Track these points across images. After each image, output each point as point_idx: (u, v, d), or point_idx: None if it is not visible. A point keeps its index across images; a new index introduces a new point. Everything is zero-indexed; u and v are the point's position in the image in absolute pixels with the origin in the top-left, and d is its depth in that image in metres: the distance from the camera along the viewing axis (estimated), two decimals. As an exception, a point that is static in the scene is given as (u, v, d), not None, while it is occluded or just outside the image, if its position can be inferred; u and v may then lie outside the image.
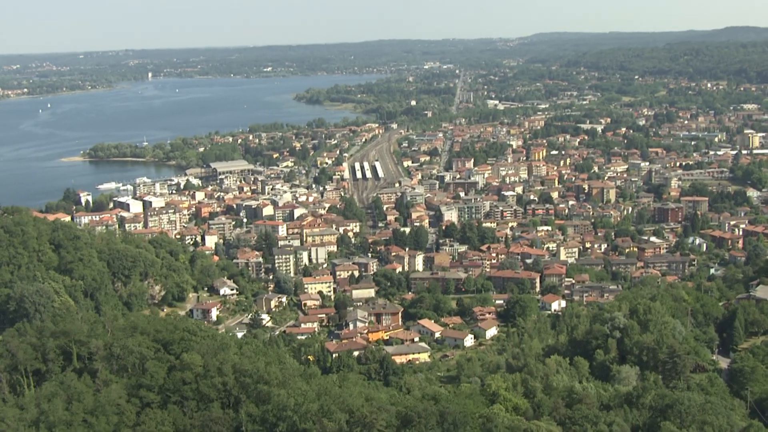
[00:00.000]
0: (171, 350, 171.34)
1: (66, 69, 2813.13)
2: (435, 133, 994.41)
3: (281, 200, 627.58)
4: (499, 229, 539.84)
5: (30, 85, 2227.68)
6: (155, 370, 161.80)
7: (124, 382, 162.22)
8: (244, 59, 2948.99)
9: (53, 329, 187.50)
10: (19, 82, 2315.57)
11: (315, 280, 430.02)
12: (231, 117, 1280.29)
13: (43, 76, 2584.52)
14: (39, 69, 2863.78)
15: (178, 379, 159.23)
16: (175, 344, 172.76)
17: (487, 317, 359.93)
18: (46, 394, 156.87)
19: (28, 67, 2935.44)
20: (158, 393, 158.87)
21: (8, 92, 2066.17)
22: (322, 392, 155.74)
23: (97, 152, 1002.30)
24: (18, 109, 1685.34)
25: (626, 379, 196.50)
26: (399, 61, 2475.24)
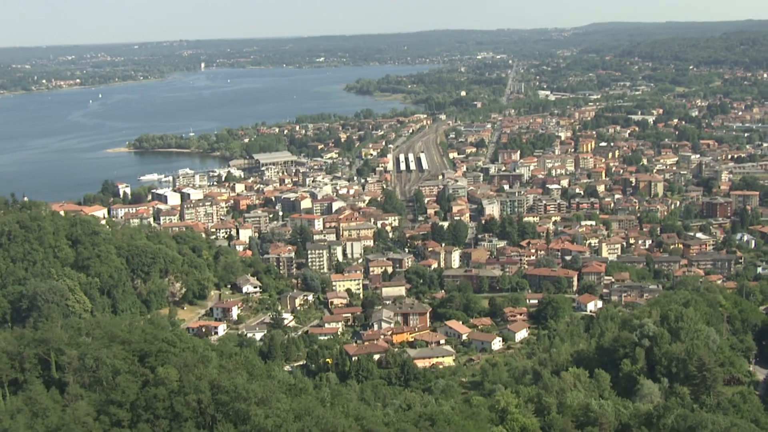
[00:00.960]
0: (147, 363, 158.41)
1: (120, 59, 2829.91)
2: (483, 124, 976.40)
3: (320, 193, 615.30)
4: (541, 223, 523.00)
5: (83, 75, 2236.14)
6: (127, 384, 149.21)
7: (94, 398, 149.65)
8: (297, 49, 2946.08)
9: (32, 336, 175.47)
10: (73, 72, 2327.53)
11: (344, 277, 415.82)
12: (279, 108, 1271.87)
13: (97, 66, 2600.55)
14: (93, 59, 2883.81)
15: (151, 396, 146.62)
16: (152, 356, 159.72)
17: (518, 318, 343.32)
18: (11, 409, 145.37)
19: (83, 57, 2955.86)
20: (129, 410, 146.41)
21: (60, 83, 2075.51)
22: (304, 412, 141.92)
23: (141, 143, 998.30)
24: (69, 100, 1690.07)
25: (649, 395, 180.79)
26: (452, 51, 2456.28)
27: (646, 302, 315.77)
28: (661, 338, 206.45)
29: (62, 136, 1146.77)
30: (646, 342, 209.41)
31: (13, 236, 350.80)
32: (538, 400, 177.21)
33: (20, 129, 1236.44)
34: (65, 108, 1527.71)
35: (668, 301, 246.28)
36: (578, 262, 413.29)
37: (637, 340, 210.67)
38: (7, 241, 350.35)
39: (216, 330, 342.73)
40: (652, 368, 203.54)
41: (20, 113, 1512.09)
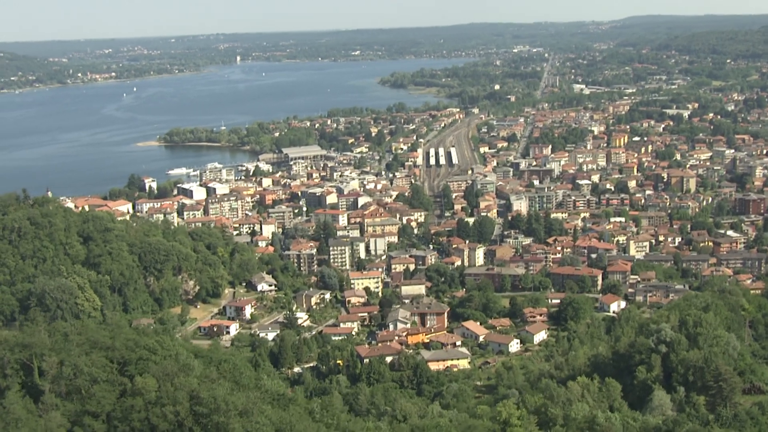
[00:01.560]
0: (127, 371, 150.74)
1: (156, 53, 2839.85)
2: (516, 118, 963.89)
3: (346, 188, 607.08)
4: (569, 220, 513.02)
5: (118, 69, 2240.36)
6: (103, 395, 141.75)
7: (69, 408, 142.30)
8: (333, 43, 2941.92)
9: (15, 340, 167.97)
10: (109, 66, 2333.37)
11: (362, 276, 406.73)
12: (313, 101, 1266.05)
13: (133, 60, 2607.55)
14: (130, 53, 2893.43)
15: (128, 406, 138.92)
16: (132, 364, 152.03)
17: (538, 319, 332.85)
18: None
19: (120, 51, 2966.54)
20: (105, 422, 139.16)
21: (96, 76, 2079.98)
22: (286, 426, 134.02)
23: (172, 137, 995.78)
24: (103, 93, 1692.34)
25: (660, 407, 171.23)
26: (488, 45, 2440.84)
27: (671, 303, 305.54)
28: (678, 345, 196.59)
29: (94, 129, 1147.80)
30: (663, 348, 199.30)
31: (23, 233, 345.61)
32: (543, 411, 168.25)
33: (53, 122, 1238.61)
34: (99, 101, 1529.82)
35: (688, 304, 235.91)
36: (603, 260, 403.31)
37: (653, 346, 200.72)
38: (17, 238, 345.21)
39: (228, 329, 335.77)
40: (669, 376, 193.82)
41: (54, 107, 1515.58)
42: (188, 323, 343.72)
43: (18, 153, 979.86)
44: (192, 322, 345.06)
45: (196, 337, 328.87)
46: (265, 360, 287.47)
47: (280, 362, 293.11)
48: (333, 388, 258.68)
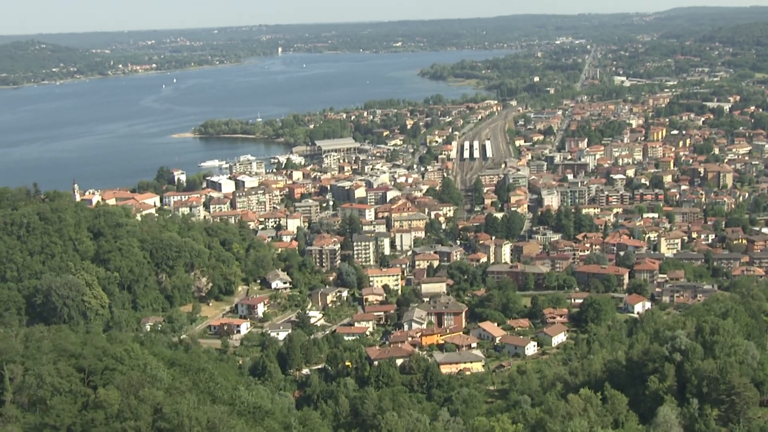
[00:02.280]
0: (92, 382, 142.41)
1: (199, 44, 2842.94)
2: (554, 110, 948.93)
3: (376, 181, 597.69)
4: (601, 215, 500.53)
5: (160, 60, 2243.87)
6: (63, 407, 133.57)
7: (30, 420, 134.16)
8: (375, 34, 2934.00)
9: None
10: (150, 57, 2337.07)
11: (381, 273, 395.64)
12: (351, 93, 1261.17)
13: (175, 51, 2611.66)
14: (172, 44, 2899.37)
15: (89, 420, 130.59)
16: (98, 374, 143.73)
17: (558, 320, 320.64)
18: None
19: (162, 42, 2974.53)
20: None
21: (137, 67, 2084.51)
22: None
23: (207, 129, 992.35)
24: (143, 85, 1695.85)
25: (665, 423, 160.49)
26: (531, 36, 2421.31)
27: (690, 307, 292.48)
28: (693, 353, 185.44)
29: (131, 121, 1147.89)
30: (677, 357, 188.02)
31: (31, 228, 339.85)
32: (542, 426, 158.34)
33: (91, 114, 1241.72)
34: (138, 93, 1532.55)
35: (707, 309, 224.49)
36: (630, 258, 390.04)
37: (667, 354, 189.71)
38: (26, 233, 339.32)
39: (238, 328, 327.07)
40: (683, 386, 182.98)
41: (93, 98, 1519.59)
42: (198, 321, 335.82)
43: (54, 144, 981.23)
44: (202, 321, 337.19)
45: (206, 336, 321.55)
46: (273, 361, 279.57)
47: (288, 364, 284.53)
48: (340, 391, 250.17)
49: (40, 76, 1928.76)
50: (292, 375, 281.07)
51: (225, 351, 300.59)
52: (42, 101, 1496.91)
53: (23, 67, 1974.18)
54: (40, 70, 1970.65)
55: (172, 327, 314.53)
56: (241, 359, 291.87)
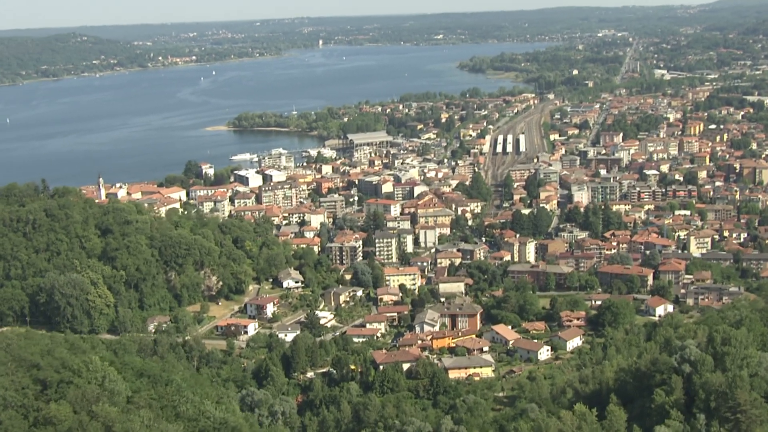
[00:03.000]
0: (46, 395, 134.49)
1: (240, 36, 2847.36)
2: (591, 104, 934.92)
3: (404, 176, 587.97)
4: (632, 212, 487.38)
5: (200, 52, 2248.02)
6: (12, 422, 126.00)
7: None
8: (416, 27, 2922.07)
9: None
10: (191, 49, 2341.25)
11: (398, 272, 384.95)
12: (389, 85, 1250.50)
13: (216, 43, 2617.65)
14: (214, 36, 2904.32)
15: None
16: (53, 387, 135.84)
17: (574, 324, 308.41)
18: None
19: (204, 34, 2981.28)
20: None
21: (177, 60, 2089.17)
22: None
23: (241, 122, 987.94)
24: (182, 77, 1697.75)
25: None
26: (573, 29, 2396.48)
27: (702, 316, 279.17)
28: (703, 365, 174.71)
29: (166, 113, 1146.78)
30: (686, 368, 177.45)
31: (37, 225, 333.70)
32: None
33: (127, 106, 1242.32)
34: (176, 85, 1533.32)
35: (721, 317, 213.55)
36: (656, 258, 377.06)
37: (676, 365, 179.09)
38: (32, 230, 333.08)
39: (245, 329, 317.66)
40: (692, 400, 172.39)
41: (131, 90, 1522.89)
42: (205, 321, 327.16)
43: (87, 137, 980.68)
44: (210, 321, 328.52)
45: (212, 337, 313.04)
46: (277, 364, 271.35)
47: (293, 367, 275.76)
48: (342, 397, 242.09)
49: (81, 68, 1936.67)
50: (296, 378, 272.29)
51: (230, 353, 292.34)
52: (80, 93, 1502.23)
53: (64, 59, 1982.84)
54: (81, 63, 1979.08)
55: (177, 327, 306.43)
56: (246, 361, 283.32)
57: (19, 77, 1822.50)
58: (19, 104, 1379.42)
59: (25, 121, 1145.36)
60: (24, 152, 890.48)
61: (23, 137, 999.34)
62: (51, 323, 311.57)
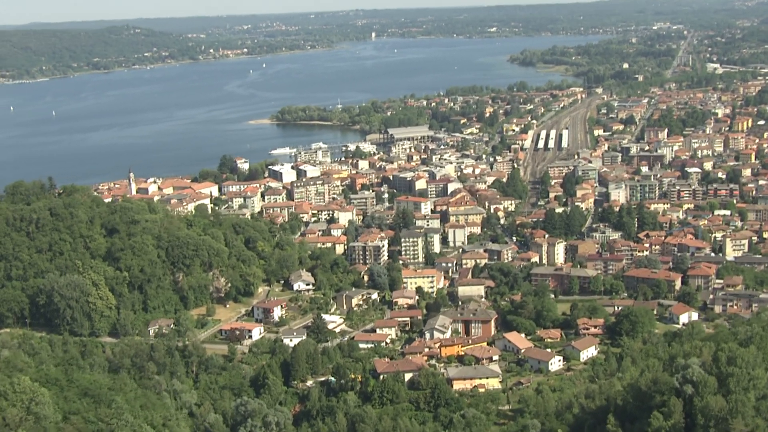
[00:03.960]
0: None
1: (294, 29, 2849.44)
2: (639, 98, 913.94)
3: (439, 173, 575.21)
4: (670, 212, 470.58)
5: (252, 45, 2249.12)
6: None
7: None
8: (470, 19, 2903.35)
9: None
10: (243, 41, 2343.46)
11: (416, 274, 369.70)
12: (437, 79, 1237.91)
13: (269, 35, 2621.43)
14: (268, 29, 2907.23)
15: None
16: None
17: (591, 332, 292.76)
18: None
19: (258, 26, 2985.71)
20: None
21: (228, 52, 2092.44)
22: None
23: (284, 115, 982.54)
24: (231, 70, 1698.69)
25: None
26: (628, 22, 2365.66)
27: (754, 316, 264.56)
28: (705, 387, 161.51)
29: (212, 106, 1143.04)
30: (688, 389, 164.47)
31: (41, 224, 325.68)
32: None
33: (174, 99, 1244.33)
34: (225, 78, 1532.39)
35: (732, 333, 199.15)
36: (685, 262, 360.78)
37: (678, 386, 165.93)
38: (35, 230, 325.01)
39: (250, 333, 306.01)
40: (694, 424, 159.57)
41: (180, 83, 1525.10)
42: (210, 325, 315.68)
43: (130, 130, 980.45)
44: (215, 324, 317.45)
45: (215, 341, 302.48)
46: (276, 372, 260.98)
47: (292, 374, 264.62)
48: (339, 408, 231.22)
49: (132, 60, 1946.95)
50: (295, 387, 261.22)
51: (231, 358, 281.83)
52: (129, 86, 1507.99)
53: (116, 52, 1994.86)
54: (132, 55, 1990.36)
55: (178, 331, 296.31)
56: (247, 368, 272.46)
57: (70, 69, 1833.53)
58: (68, 96, 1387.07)
59: (71, 114, 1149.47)
60: (65, 145, 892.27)
61: (67, 130, 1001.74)
62: (51, 325, 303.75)
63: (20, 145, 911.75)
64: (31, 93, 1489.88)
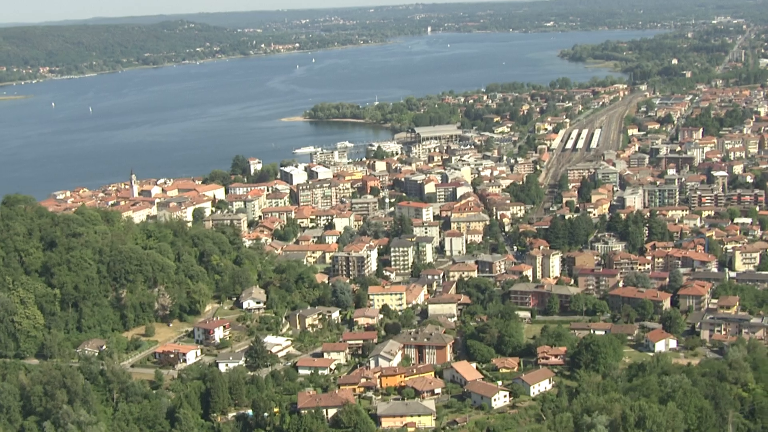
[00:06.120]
0: None
1: (351, 23, 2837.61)
2: (683, 96, 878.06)
3: (452, 175, 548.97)
4: (688, 219, 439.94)
5: (305, 39, 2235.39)
6: None
7: None
8: (529, 13, 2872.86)
9: None
10: (297, 36, 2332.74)
11: (382, 291, 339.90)
12: (482, 74, 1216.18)
13: (326, 30, 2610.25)
14: (325, 23, 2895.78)
15: None
16: None
17: (551, 362, 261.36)
18: None
19: (317, 21, 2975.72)
20: None
21: (279, 47, 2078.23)
22: None
23: (317, 112, 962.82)
24: (280, 65, 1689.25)
25: None
26: (687, 15, 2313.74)
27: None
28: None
29: (249, 102, 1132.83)
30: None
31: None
32: None
33: (213, 95, 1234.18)
34: (270, 73, 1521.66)
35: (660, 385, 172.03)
36: (677, 279, 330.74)
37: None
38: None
39: (185, 357, 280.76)
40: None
41: (224, 78, 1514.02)
42: (145, 347, 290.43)
43: (159, 128, 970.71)
44: (150, 346, 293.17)
45: (148, 365, 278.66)
46: (195, 402, 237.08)
47: (212, 406, 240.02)
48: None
49: (182, 56, 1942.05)
50: (213, 420, 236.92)
51: (158, 385, 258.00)
52: (173, 82, 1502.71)
53: (168, 47, 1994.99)
54: (184, 50, 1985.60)
55: (106, 353, 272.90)
56: (174, 395, 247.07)
57: (119, 65, 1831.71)
58: (110, 93, 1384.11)
59: (108, 111, 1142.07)
60: (90, 143, 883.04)
61: (98, 127, 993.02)
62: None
63: (47, 143, 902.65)
64: (76, 89, 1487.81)
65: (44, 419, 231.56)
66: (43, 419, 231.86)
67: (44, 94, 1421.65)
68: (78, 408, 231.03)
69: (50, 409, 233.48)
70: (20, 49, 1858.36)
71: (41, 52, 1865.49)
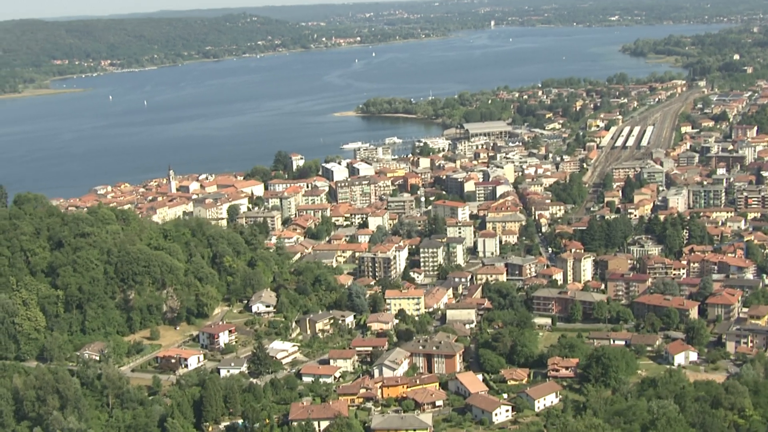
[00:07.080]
0: None
1: (416, 17, 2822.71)
2: (741, 92, 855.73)
3: (494, 173, 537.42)
4: (731, 222, 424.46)
5: (367, 33, 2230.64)
6: None
7: None
8: (593, 7, 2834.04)
9: None
10: (360, 30, 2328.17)
11: (400, 294, 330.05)
12: (541, 69, 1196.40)
13: (390, 23, 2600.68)
14: (390, 16, 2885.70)
15: None
16: None
17: (561, 374, 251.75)
18: None
19: (381, 14, 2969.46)
20: None
21: (340, 41, 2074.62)
22: None
23: (369, 107, 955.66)
24: (339, 59, 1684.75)
25: None
26: (755, 9, 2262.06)
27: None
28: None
29: (304, 97, 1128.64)
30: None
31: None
32: None
33: (269, 89, 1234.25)
34: (329, 67, 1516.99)
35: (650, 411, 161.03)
36: (708, 287, 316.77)
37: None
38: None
39: (186, 362, 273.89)
40: None
41: (282, 72, 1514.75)
42: (148, 350, 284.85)
43: (212, 122, 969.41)
44: (153, 350, 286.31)
45: (149, 370, 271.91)
46: (186, 411, 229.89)
47: (204, 415, 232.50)
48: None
49: (243, 49, 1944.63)
50: (204, 429, 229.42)
51: (155, 391, 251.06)
52: (232, 75, 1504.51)
53: (229, 40, 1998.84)
54: (245, 44, 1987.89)
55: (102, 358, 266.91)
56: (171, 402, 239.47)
57: (180, 58, 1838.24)
58: (167, 86, 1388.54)
59: (163, 104, 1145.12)
60: (141, 137, 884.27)
61: (152, 121, 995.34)
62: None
63: (99, 136, 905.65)
64: (135, 82, 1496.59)
65: (36, 425, 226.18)
66: (36, 425, 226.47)
67: (103, 87, 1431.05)
68: (68, 414, 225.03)
69: (42, 414, 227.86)
70: (83, 42, 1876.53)
71: (103, 45, 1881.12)
